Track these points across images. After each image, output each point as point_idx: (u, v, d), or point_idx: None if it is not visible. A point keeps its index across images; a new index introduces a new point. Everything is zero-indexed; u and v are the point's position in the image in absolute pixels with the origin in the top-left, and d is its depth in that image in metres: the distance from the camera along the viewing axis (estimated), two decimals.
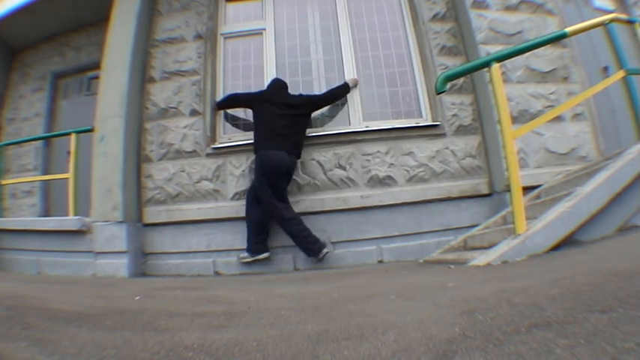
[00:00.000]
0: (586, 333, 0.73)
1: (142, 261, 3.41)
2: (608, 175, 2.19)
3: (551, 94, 3.46)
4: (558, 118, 3.28)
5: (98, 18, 4.55)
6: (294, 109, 3.24)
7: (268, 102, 3.23)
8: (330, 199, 3.32)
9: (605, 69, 3.78)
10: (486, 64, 2.36)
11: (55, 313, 1.33)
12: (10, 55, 5.33)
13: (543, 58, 3.52)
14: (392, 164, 3.40)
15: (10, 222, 3.91)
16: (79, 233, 3.33)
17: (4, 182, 4.39)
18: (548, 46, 3.09)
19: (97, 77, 4.07)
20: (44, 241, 3.48)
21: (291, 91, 3.49)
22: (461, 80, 3.50)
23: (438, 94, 2.44)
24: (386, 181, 3.36)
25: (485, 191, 3.35)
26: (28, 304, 1.48)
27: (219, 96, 3.71)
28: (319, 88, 3.71)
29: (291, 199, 3.28)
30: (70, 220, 3.40)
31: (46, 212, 4.64)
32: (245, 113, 3.71)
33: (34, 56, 5.14)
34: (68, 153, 3.86)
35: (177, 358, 0.89)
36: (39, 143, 4.71)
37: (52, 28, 5.03)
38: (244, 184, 3.41)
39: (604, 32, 2.91)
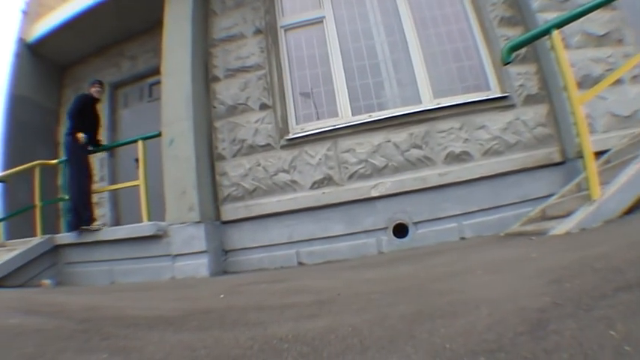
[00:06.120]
0: None
1: (222, 259, 3.44)
2: None
3: (609, 57, 3.40)
4: (618, 81, 3.20)
5: (148, 25, 4.62)
6: None
7: None
8: (408, 179, 3.32)
9: None
10: (547, 32, 2.36)
11: (136, 320, 1.30)
12: (58, 72, 5.42)
13: (597, 22, 3.45)
14: (467, 139, 3.38)
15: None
16: (154, 238, 3.36)
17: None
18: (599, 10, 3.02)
19: (158, 83, 4.13)
20: (116, 250, 3.51)
21: (359, 76, 3.58)
22: (523, 50, 3.44)
23: (505, 64, 2.46)
24: (462, 157, 3.35)
25: (559, 159, 3.31)
26: (103, 315, 1.44)
27: (287, 87, 3.73)
28: (387, 71, 3.71)
29: (371, 183, 3.31)
30: (144, 226, 3.43)
31: (116, 221, 4.72)
32: (314, 103, 3.73)
33: (86, 70, 5.20)
34: (136, 160, 3.89)
35: (272, 351, 0.86)
36: (103, 154, 4.77)
37: (97, 42, 5.10)
38: (322, 173, 3.43)
39: None
